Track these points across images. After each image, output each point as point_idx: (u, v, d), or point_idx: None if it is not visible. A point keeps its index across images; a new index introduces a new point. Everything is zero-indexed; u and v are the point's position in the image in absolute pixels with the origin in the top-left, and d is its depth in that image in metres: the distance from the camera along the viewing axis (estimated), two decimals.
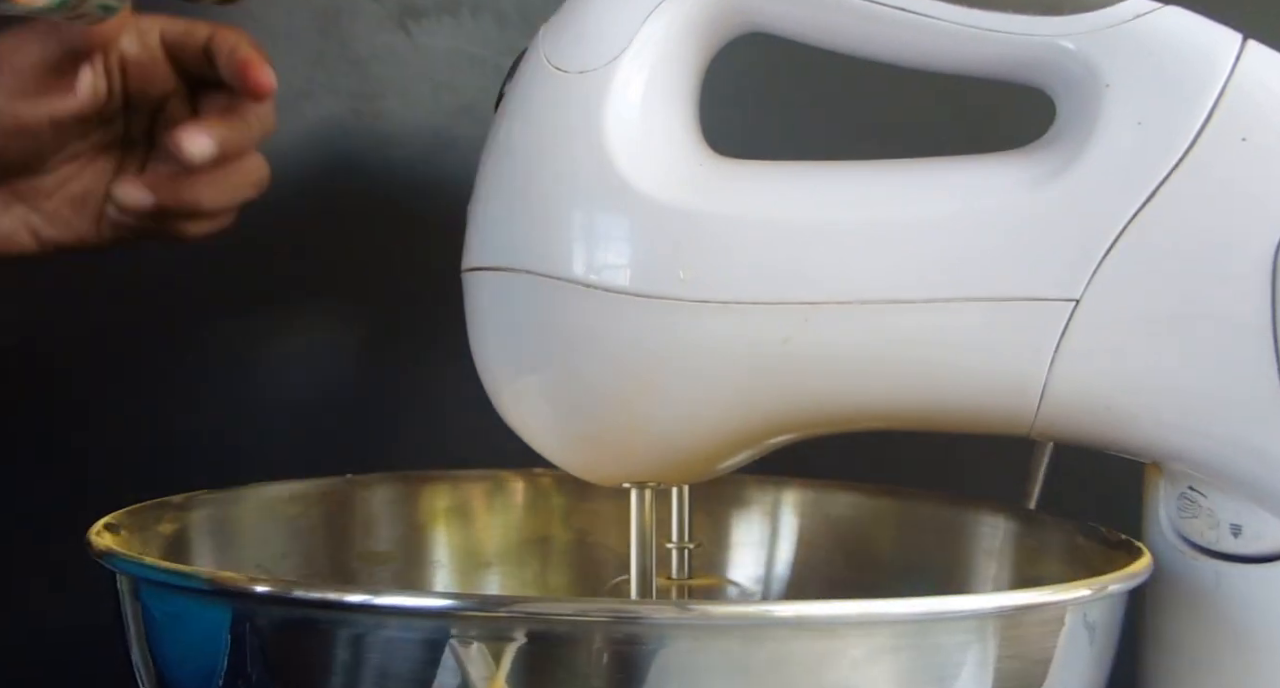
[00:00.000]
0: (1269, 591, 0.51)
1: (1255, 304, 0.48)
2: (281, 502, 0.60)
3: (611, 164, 0.50)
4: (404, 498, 0.63)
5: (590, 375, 0.51)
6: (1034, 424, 0.51)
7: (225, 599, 0.44)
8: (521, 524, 0.64)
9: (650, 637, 0.40)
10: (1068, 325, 0.49)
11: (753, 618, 0.41)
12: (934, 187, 0.51)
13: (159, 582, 0.46)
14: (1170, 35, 0.49)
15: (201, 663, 0.44)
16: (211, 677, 0.44)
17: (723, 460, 0.54)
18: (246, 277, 0.74)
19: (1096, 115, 0.49)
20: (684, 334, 0.50)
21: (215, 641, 0.44)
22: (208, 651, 0.44)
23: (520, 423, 0.53)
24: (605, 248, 0.50)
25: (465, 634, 0.40)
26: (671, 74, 0.52)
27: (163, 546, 0.54)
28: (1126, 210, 0.48)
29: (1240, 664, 0.51)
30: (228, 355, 0.75)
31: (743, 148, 0.52)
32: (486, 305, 0.52)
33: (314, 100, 0.74)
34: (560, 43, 0.52)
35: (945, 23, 0.50)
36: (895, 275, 0.49)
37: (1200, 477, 0.51)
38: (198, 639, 0.44)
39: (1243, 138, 0.48)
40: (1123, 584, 0.46)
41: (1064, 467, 0.58)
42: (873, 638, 0.42)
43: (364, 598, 0.41)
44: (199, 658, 0.44)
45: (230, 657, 0.43)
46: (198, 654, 0.44)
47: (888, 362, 0.50)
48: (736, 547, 0.63)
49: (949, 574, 0.59)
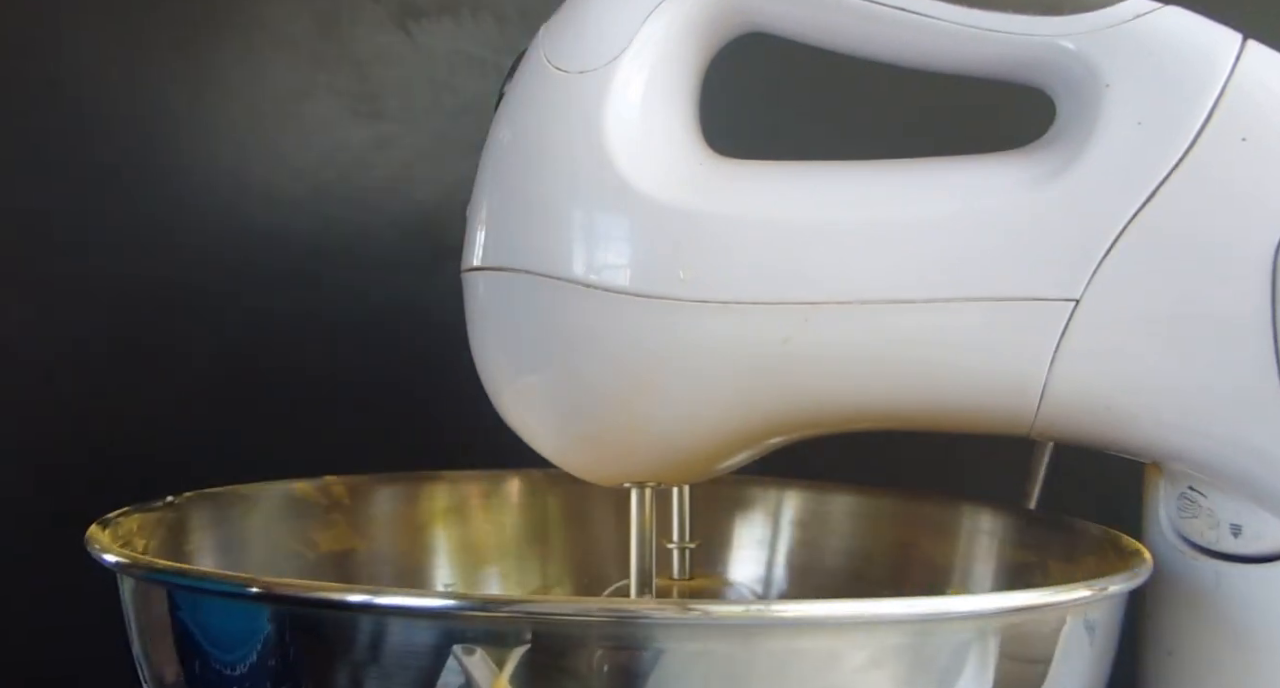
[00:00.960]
0: (1269, 591, 0.51)
1: (1255, 304, 0.48)
2: (281, 502, 0.60)
3: (611, 164, 0.50)
4: (403, 498, 0.63)
5: (590, 375, 0.51)
6: (1034, 424, 0.51)
7: (225, 599, 0.44)
8: (520, 524, 0.64)
9: (651, 637, 0.40)
10: (1068, 325, 0.49)
11: (753, 618, 0.41)
12: (934, 187, 0.51)
13: (159, 582, 0.46)
14: (1170, 35, 0.49)
15: (202, 663, 0.44)
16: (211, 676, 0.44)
17: (723, 460, 0.54)
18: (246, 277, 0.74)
19: (1096, 115, 0.49)
20: (684, 334, 0.50)
21: (216, 641, 0.44)
22: (208, 650, 0.44)
23: (520, 423, 0.53)
24: (605, 248, 0.50)
25: (467, 634, 0.40)
26: (671, 74, 0.52)
27: (163, 545, 0.54)
28: (1126, 210, 0.48)
29: (1240, 664, 0.51)
30: (227, 355, 0.75)
31: (743, 148, 0.52)
32: (486, 305, 0.52)
33: (314, 100, 0.74)
34: (560, 43, 0.52)
35: (945, 23, 0.50)
36: (895, 275, 0.49)
37: (1200, 477, 0.51)
38: (198, 639, 0.44)
39: (1243, 138, 0.48)
40: (1123, 585, 0.46)
41: (1064, 467, 0.58)
42: (873, 638, 0.42)
43: (365, 598, 0.41)
44: (199, 658, 0.44)
45: (231, 657, 0.43)
46: (198, 654, 0.44)
47: (888, 362, 0.50)
48: (736, 547, 0.63)
49: (949, 574, 0.59)
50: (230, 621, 0.44)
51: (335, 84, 0.74)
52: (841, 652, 0.41)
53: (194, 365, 0.75)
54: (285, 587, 0.43)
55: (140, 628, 0.47)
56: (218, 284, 0.74)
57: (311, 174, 0.75)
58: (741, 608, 0.43)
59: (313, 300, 0.76)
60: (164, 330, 0.74)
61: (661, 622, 0.41)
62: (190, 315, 0.74)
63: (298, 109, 0.73)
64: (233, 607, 0.43)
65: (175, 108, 0.74)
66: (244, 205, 0.66)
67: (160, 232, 0.74)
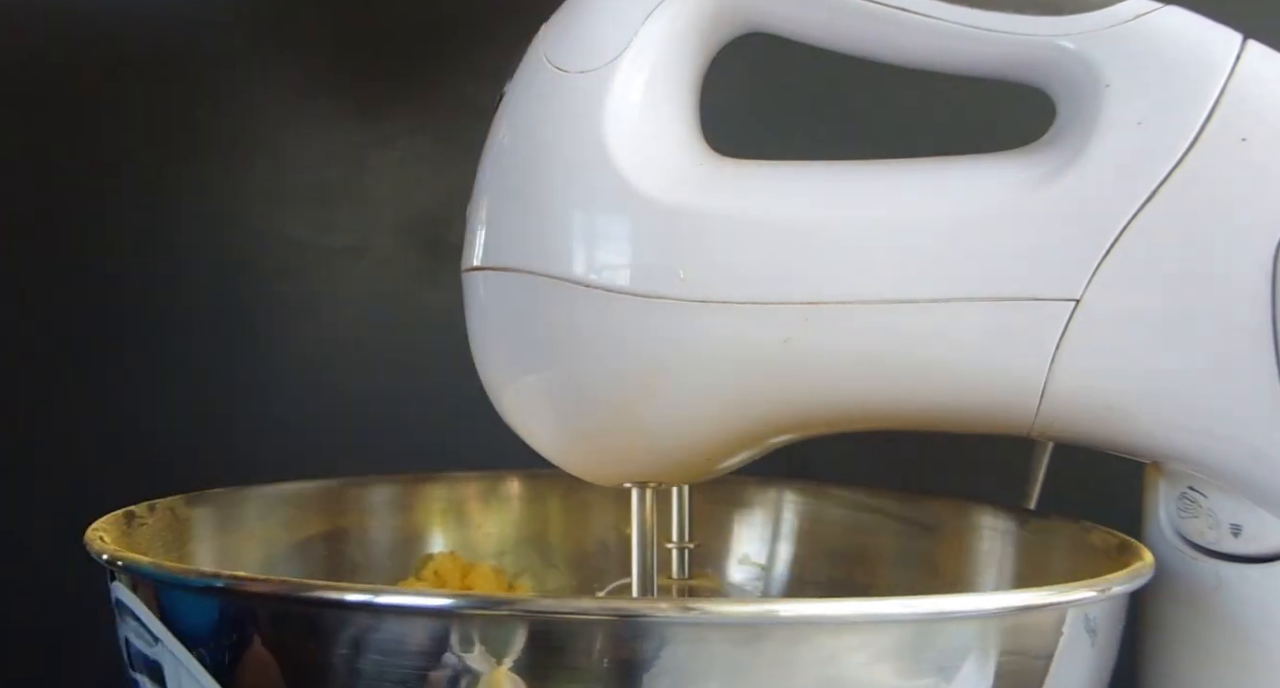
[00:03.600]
0: (1269, 591, 0.51)
1: (1255, 304, 0.48)
2: (281, 502, 0.60)
3: (611, 164, 0.50)
4: (403, 498, 0.63)
5: (590, 375, 0.51)
6: (1034, 424, 0.51)
7: (226, 599, 0.44)
8: (520, 524, 0.64)
9: (651, 636, 0.40)
10: (1068, 325, 0.49)
11: (754, 618, 0.41)
12: (934, 187, 0.51)
13: (159, 582, 0.46)
14: (1170, 35, 0.49)
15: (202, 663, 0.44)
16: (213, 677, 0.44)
17: (723, 460, 0.54)
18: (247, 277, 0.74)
19: (1096, 115, 0.49)
20: (684, 334, 0.50)
21: (216, 641, 0.44)
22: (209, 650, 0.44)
23: (520, 423, 0.53)
24: (605, 248, 0.50)
25: (466, 634, 0.40)
26: (671, 74, 0.52)
27: (163, 546, 0.54)
28: (1126, 210, 0.48)
29: (1240, 664, 0.51)
30: (228, 355, 0.75)
31: (743, 148, 0.52)
32: (486, 306, 0.52)
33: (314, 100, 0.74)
34: (560, 43, 0.52)
35: (945, 23, 0.50)
36: (895, 275, 0.49)
37: (1200, 477, 0.51)
38: (199, 639, 0.44)
39: (1243, 138, 0.48)
40: (1125, 585, 0.46)
41: (1064, 467, 0.58)
42: (873, 638, 0.42)
43: (364, 597, 0.41)
44: (200, 658, 0.44)
45: (228, 656, 0.43)
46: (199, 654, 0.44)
47: (888, 362, 0.50)
48: (737, 547, 0.63)
49: (949, 574, 0.59)
50: (229, 620, 0.43)
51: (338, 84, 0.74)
52: (841, 651, 0.41)
53: (194, 365, 0.75)
54: (285, 586, 0.43)
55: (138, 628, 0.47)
56: (217, 284, 0.74)
57: (311, 173, 0.75)
58: (741, 608, 0.43)
59: (312, 300, 0.76)
60: (164, 329, 0.74)
61: (662, 621, 0.41)
62: (190, 314, 0.74)
63: (298, 108, 0.73)
64: (231, 606, 0.43)
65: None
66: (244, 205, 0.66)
67: (159, 230, 0.74)
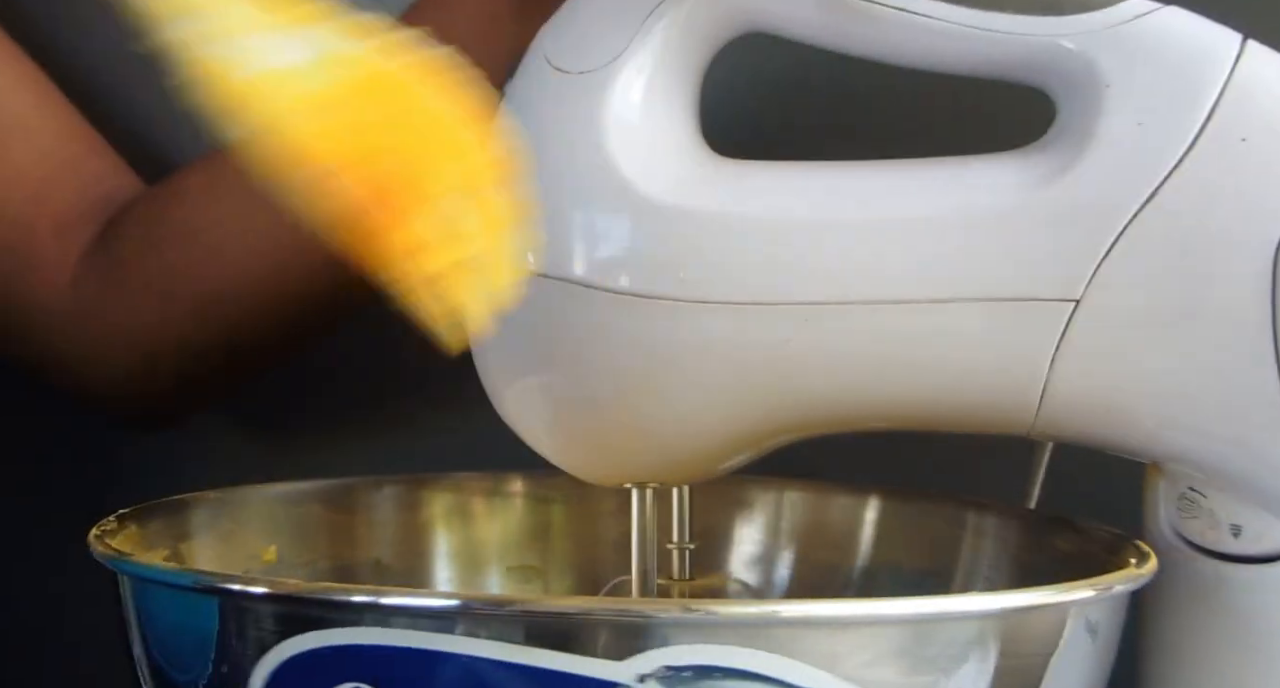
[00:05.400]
0: (1269, 591, 0.51)
1: (1255, 304, 0.48)
2: (282, 502, 0.60)
3: (612, 164, 0.50)
4: (404, 499, 0.63)
5: (590, 376, 0.51)
6: (1034, 424, 0.51)
7: (227, 599, 0.44)
8: (521, 525, 0.64)
9: (653, 636, 0.40)
10: (1068, 325, 0.49)
11: (754, 618, 0.41)
12: (934, 187, 0.51)
13: (160, 582, 0.46)
14: (1170, 35, 0.49)
15: (203, 663, 0.44)
16: (213, 677, 0.44)
17: (723, 461, 0.54)
18: None
19: (1096, 115, 0.49)
20: (684, 335, 0.50)
21: (216, 641, 0.44)
22: (210, 651, 0.44)
23: (520, 424, 0.53)
24: (605, 248, 0.50)
25: (470, 633, 0.40)
26: (672, 74, 0.52)
27: (164, 546, 0.54)
28: (1126, 210, 0.48)
29: (1240, 664, 0.51)
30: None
31: (743, 148, 0.52)
32: None
33: None
34: (560, 43, 0.52)
35: (945, 23, 0.50)
36: (895, 275, 0.49)
37: (1200, 477, 0.51)
38: (200, 640, 0.44)
39: (1243, 138, 0.48)
40: (1127, 585, 0.46)
41: (1064, 467, 0.58)
42: (873, 638, 0.42)
43: (368, 598, 0.41)
44: (201, 659, 0.44)
45: (232, 657, 0.43)
46: (199, 655, 0.44)
47: (888, 362, 0.50)
48: (737, 547, 0.63)
49: (949, 574, 0.59)
50: (230, 621, 0.44)
51: None
52: (841, 651, 0.41)
53: None
54: (287, 587, 0.44)
55: (140, 629, 0.47)
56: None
57: None
58: (743, 608, 0.44)
59: None
60: None
61: (664, 621, 0.41)
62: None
63: None
64: (233, 607, 0.43)
65: None
66: None
67: None
